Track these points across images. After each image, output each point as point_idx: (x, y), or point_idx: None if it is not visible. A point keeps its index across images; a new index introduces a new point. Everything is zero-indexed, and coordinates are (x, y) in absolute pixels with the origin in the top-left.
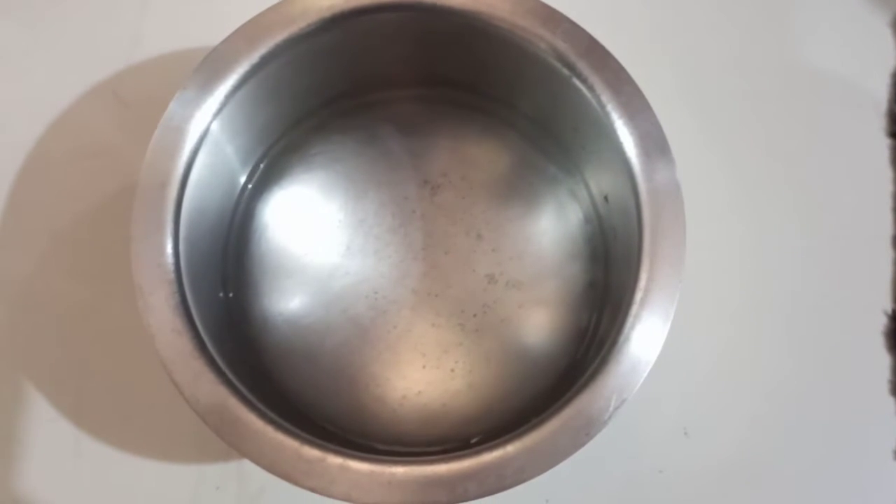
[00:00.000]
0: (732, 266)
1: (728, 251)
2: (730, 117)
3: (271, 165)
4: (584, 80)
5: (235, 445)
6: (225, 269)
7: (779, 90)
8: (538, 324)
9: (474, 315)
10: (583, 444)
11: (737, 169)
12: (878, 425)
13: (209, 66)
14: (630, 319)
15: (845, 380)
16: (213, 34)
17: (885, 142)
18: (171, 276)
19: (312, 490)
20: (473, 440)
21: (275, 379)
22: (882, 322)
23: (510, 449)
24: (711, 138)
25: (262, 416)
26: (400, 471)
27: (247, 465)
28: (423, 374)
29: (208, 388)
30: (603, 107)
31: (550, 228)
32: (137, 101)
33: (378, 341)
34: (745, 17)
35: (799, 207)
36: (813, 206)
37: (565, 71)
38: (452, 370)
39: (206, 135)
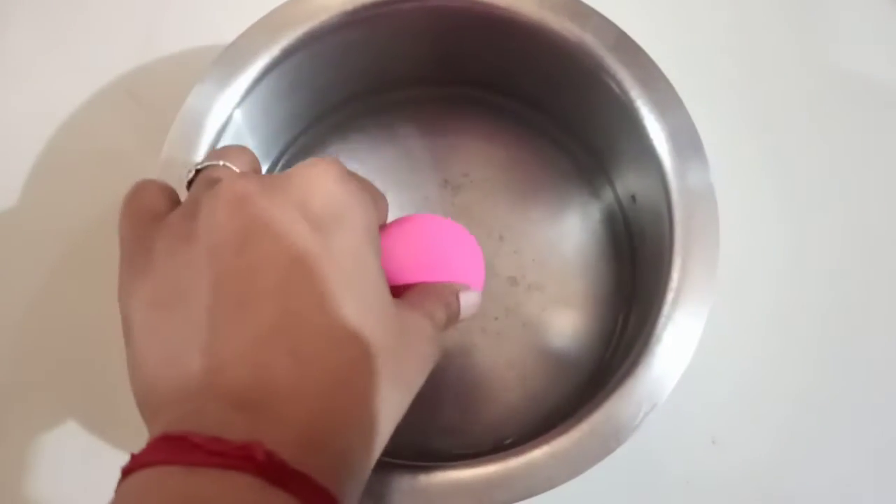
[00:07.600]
0: (763, 271)
1: (759, 255)
2: (762, 118)
3: (288, 164)
4: (612, 76)
5: None
6: None
7: (812, 92)
8: (562, 327)
9: (496, 318)
10: (612, 450)
11: (769, 171)
12: None
13: (228, 59)
14: (662, 320)
15: (877, 390)
16: (227, 32)
17: None
18: None
19: None
20: (507, 441)
21: None
22: None
23: (538, 454)
24: (743, 139)
25: None
26: (424, 477)
27: None
28: None
29: None
30: (632, 103)
31: (574, 230)
32: (151, 99)
33: None
34: (780, 18)
35: (832, 211)
36: (846, 210)
37: (594, 67)
38: None
39: (227, 125)
